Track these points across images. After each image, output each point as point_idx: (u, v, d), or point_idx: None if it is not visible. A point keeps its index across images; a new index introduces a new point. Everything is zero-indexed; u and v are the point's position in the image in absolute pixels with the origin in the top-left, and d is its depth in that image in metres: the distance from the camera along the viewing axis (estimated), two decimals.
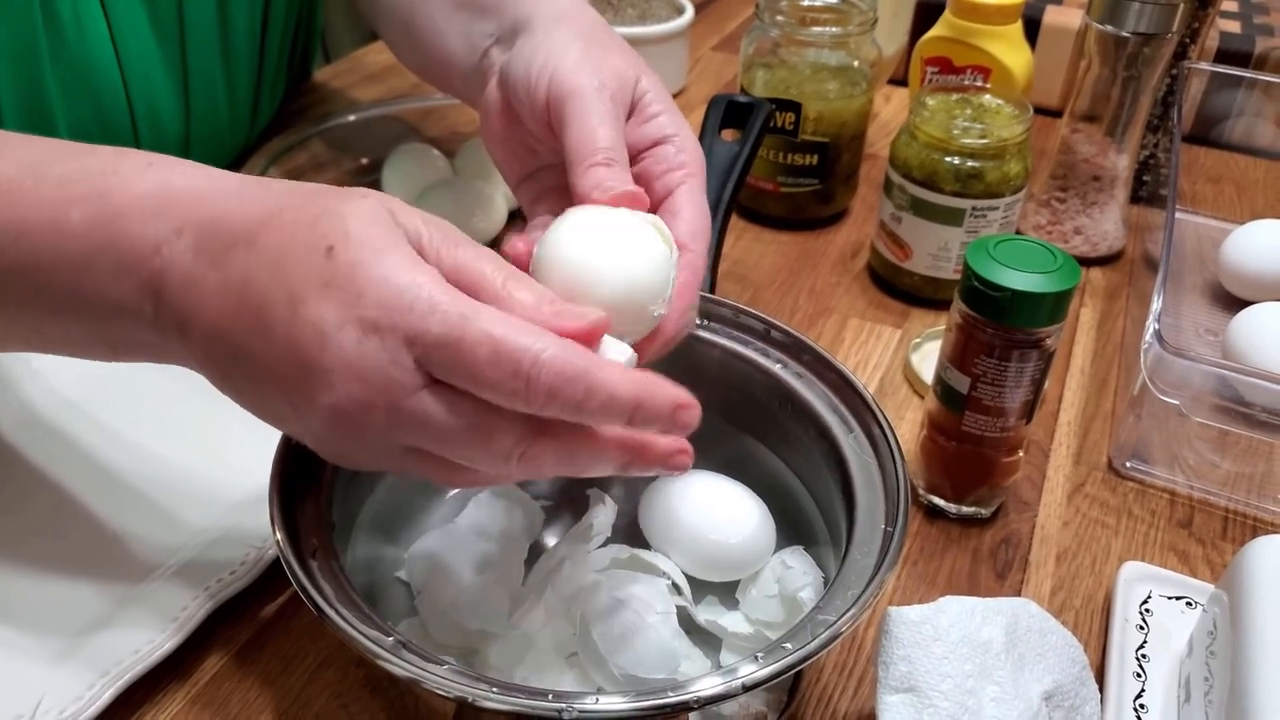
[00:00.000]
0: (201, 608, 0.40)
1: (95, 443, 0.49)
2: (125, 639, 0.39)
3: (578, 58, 0.38)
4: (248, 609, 0.42)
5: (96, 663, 0.38)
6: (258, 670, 0.41)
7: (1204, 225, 0.71)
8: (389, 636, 0.32)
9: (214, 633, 0.41)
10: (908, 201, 0.60)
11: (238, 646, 0.41)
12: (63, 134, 0.57)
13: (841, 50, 0.66)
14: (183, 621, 0.40)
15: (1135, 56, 0.62)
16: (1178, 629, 0.42)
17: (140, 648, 0.39)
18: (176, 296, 0.31)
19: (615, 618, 0.38)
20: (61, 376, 0.51)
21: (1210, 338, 0.61)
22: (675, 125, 0.39)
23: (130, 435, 0.49)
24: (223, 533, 0.44)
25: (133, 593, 0.41)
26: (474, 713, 0.35)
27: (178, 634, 0.39)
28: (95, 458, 0.48)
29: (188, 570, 0.42)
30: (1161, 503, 0.50)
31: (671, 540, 0.41)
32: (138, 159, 0.33)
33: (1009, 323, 0.42)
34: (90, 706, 0.37)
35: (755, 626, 0.40)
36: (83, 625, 0.40)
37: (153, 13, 0.59)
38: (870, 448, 0.39)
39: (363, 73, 0.87)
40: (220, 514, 0.45)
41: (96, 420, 0.49)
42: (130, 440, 0.49)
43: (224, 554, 0.43)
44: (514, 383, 0.28)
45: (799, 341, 0.43)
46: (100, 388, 0.51)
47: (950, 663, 0.35)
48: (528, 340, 0.28)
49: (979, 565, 0.47)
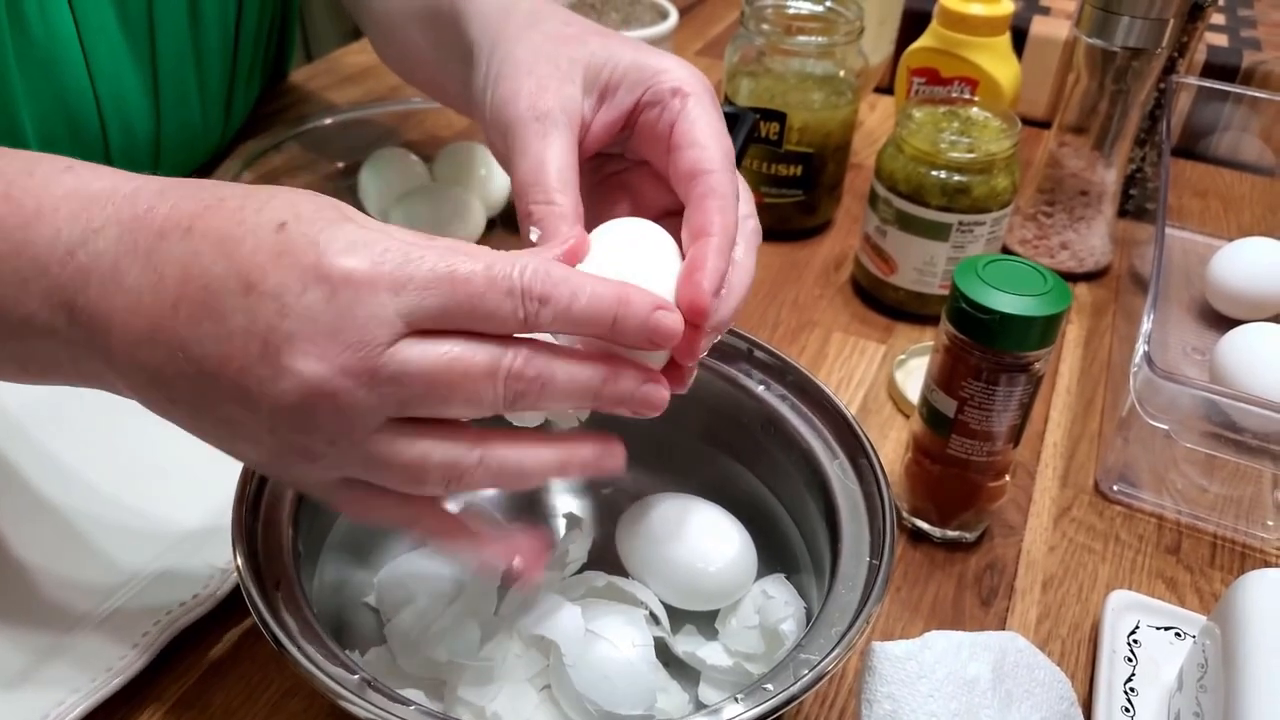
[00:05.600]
0: (173, 623, 0.39)
1: (74, 447, 0.47)
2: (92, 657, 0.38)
3: (512, 82, 0.35)
4: (213, 631, 0.41)
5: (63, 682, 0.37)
6: (222, 695, 0.39)
7: (1190, 240, 0.70)
8: (354, 675, 0.30)
9: (178, 655, 0.40)
10: (893, 215, 0.59)
11: (202, 671, 0.40)
12: (29, 134, 0.56)
13: (827, 60, 0.65)
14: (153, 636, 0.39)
15: (1124, 70, 0.61)
16: (1167, 661, 0.41)
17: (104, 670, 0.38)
18: (94, 303, 0.28)
19: (590, 650, 0.36)
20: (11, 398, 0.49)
21: (1198, 357, 0.60)
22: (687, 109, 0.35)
23: (70, 463, 0.46)
24: (172, 563, 0.42)
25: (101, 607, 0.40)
26: None
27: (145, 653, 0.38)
28: (72, 465, 0.46)
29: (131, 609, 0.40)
30: (1149, 528, 0.49)
31: (649, 567, 0.40)
32: (56, 162, 0.30)
33: (997, 346, 0.41)
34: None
35: (735, 658, 0.39)
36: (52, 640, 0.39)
37: (121, 10, 0.57)
38: (855, 475, 0.38)
39: (341, 74, 0.85)
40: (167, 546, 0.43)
41: (33, 444, 0.47)
42: (70, 468, 0.46)
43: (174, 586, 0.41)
44: (510, 301, 0.27)
45: (782, 362, 0.42)
46: (43, 409, 0.48)
47: (935, 701, 0.34)
48: (509, 261, 0.28)
49: (964, 592, 0.46)
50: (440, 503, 0.32)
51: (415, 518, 0.32)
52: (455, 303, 0.27)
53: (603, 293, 0.28)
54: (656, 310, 0.29)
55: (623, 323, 0.29)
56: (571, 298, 0.28)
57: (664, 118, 0.35)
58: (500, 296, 0.27)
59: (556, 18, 0.38)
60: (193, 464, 0.46)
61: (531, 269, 0.28)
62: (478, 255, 0.28)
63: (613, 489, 0.46)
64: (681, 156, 0.34)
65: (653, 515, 0.41)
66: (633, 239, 0.32)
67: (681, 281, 0.31)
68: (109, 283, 0.28)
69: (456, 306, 0.27)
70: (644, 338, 0.29)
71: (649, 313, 0.29)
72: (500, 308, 0.27)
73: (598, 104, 0.36)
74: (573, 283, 0.28)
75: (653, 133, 0.35)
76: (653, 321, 0.29)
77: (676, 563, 0.39)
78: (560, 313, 0.28)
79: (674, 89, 0.35)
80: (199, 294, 0.27)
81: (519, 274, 0.28)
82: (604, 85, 0.36)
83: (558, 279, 0.28)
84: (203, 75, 0.63)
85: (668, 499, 0.41)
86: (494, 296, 0.27)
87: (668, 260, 0.32)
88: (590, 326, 0.29)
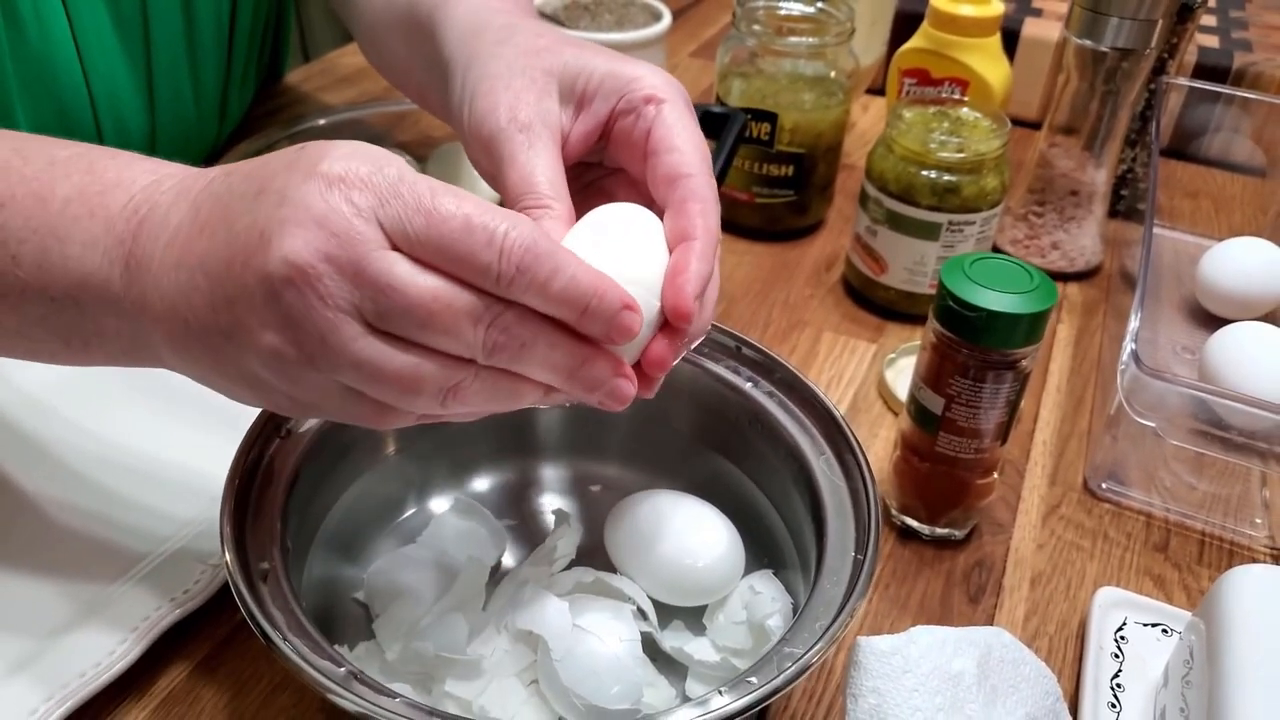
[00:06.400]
0: (165, 617, 0.40)
1: (63, 441, 0.47)
2: (83, 650, 0.38)
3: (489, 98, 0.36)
4: (203, 626, 0.41)
5: (54, 676, 0.37)
6: (212, 690, 0.39)
7: (1181, 241, 0.71)
8: (340, 667, 0.31)
9: (169, 650, 0.40)
10: (883, 215, 0.60)
11: (192, 665, 0.40)
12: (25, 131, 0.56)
13: (819, 60, 0.65)
14: (146, 629, 0.39)
15: (1114, 71, 0.62)
16: (1153, 657, 0.41)
17: (98, 661, 0.38)
18: (143, 246, 0.31)
19: (578, 645, 0.36)
20: (27, 375, 0.50)
21: (1187, 356, 0.60)
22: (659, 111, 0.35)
23: (100, 433, 0.48)
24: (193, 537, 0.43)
25: (98, 598, 0.40)
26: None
27: (138, 645, 0.39)
28: (63, 458, 0.47)
29: (154, 578, 0.41)
30: (1137, 525, 0.50)
31: (637, 563, 0.40)
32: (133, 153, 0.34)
33: (984, 343, 0.41)
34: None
35: (722, 654, 0.39)
36: (42, 633, 0.39)
37: (115, 9, 0.57)
38: (841, 472, 0.39)
39: (335, 75, 0.85)
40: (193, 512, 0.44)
41: (64, 419, 0.48)
42: (100, 437, 0.48)
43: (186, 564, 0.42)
44: (487, 254, 0.27)
45: (770, 359, 0.42)
46: (68, 387, 0.50)
47: (920, 695, 0.34)
48: (499, 218, 0.28)
49: (952, 589, 0.46)
50: None
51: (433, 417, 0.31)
52: (436, 234, 0.27)
53: (582, 279, 0.28)
54: (624, 310, 0.29)
55: (592, 314, 0.29)
56: (551, 274, 0.28)
57: (639, 125, 0.35)
58: (479, 246, 0.27)
59: (529, 30, 0.38)
60: (184, 462, 0.47)
61: (518, 232, 0.28)
62: (469, 201, 0.28)
63: (601, 486, 0.46)
64: (660, 161, 0.34)
65: (640, 511, 0.41)
66: (625, 224, 0.32)
67: (665, 286, 0.31)
68: (158, 226, 0.31)
69: (438, 239, 0.27)
70: (606, 332, 0.29)
71: (617, 310, 0.29)
72: (476, 256, 0.28)
73: (575, 114, 0.36)
74: (557, 260, 0.28)
75: (629, 139, 0.36)
76: (619, 319, 0.29)
77: (664, 558, 0.40)
78: (536, 286, 0.28)
79: (647, 96, 0.35)
80: (221, 212, 0.30)
81: (503, 232, 0.28)
82: (580, 95, 0.36)
83: (542, 252, 0.28)
84: (197, 75, 0.64)
85: (656, 495, 0.41)
86: (472, 243, 0.27)
87: (656, 248, 0.32)
88: (561, 308, 0.29)
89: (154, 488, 0.46)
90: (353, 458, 0.42)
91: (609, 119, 0.36)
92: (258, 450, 0.38)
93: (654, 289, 0.31)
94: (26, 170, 0.33)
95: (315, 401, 0.30)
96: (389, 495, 0.44)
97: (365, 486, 0.42)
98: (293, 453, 0.39)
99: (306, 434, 0.39)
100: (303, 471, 0.38)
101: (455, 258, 0.28)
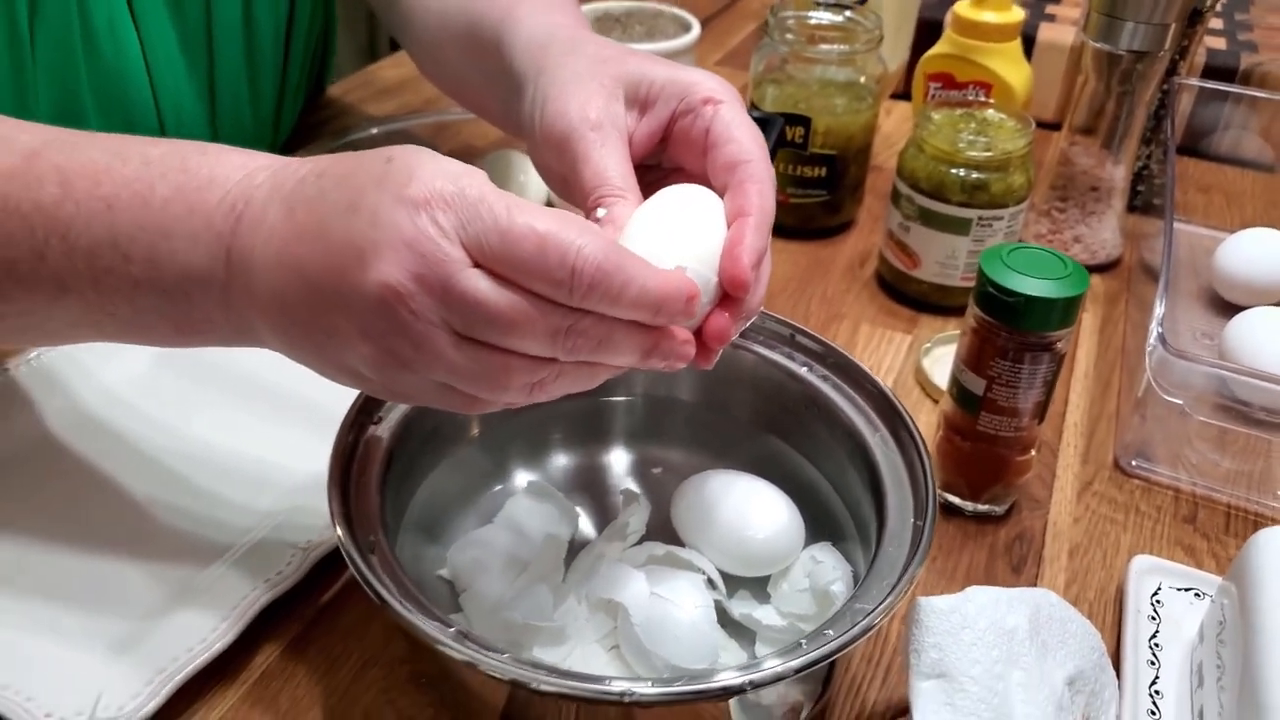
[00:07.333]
0: (259, 599, 0.42)
1: (148, 437, 0.50)
2: (180, 633, 0.40)
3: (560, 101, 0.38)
4: (293, 607, 0.43)
5: (153, 659, 0.39)
6: (304, 668, 0.42)
7: (1196, 233, 0.73)
8: (450, 627, 0.33)
9: (261, 630, 0.42)
10: (916, 212, 0.62)
11: (284, 644, 0.42)
12: None
13: (848, 67, 0.68)
14: (242, 611, 0.41)
15: (1129, 73, 0.65)
16: (1188, 619, 0.44)
17: (194, 644, 0.40)
18: (243, 241, 0.33)
19: (656, 611, 0.39)
20: (111, 375, 0.53)
21: (1206, 341, 0.63)
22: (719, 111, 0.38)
23: (182, 429, 0.50)
24: (274, 527, 0.45)
25: (190, 584, 0.43)
26: (524, 706, 0.36)
27: (235, 626, 0.41)
28: (148, 452, 0.49)
29: (244, 563, 0.43)
30: (1166, 499, 0.52)
31: (704, 537, 0.43)
32: (223, 147, 0.36)
33: (1023, 327, 0.44)
34: (149, 703, 0.38)
35: (788, 619, 0.41)
36: (138, 618, 0.41)
37: (181, 26, 0.60)
38: (896, 446, 0.41)
39: (375, 87, 0.88)
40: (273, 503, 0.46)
41: (147, 416, 0.51)
42: (183, 433, 0.50)
43: (274, 549, 0.44)
44: (560, 272, 0.29)
45: (824, 345, 0.45)
46: (149, 385, 0.52)
47: (979, 649, 0.36)
48: (572, 234, 0.30)
49: (995, 560, 0.49)
50: None
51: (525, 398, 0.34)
52: (513, 253, 0.30)
53: (651, 287, 0.31)
54: (689, 301, 0.32)
55: (663, 313, 0.32)
56: (622, 287, 0.30)
57: (697, 124, 0.38)
58: (554, 265, 0.29)
59: (594, 42, 0.42)
60: (261, 455, 0.50)
61: (590, 248, 0.30)
62: (544, 217, 0.30)
63: (663, 469, 0.49)
64: (719, 152, 0.37)
65: (704, 489, 0.44)
66: (685, 202, 0.35)
67: (723, 258, 0.34)
68: (256, 222, 0.33)
69: (515, 258, 0.30)
70: (674, 321, 0.32)
71: (684, 304, 0.32)
72: (551, 274, 0.30)
73: (639, 117, 0.39)
74: (627, 272, 0.30)
75: (688, 137, 0.39)
76: (686, 310, 0.32)
77: (727, 532, 0.42)
78: (609, 299, 0.30)
79: (705, 98, 0.38)
80: (317, 220, 0.31)
81: (576, 249, 0.29)
82: (643, 99, 0.39)
83: (613, 267, 0.30)
84: (256, 88, 0.67)
85: (718, 474, 0.44)
86: (547, 263, 0.29)
87: (716, 225, 0.35)
88: (633, 314, 0.31)
89: (244, 478, 0.48)
90: (437, 443, 0.44)
91: (670, 121, 0.39)
92: (354, 435, 0.41)
93: (712, 264, 0.34)
94: (126, 171, 0.34)
95: (411, 394, 0.33)
96: (468, 478, 0.47)
97: (448, 470, 0.45)
98: (385, 437, 0.41)
99: (397, 419, 0.42)
100: (395, 454, 0.41)
101: (532, 275, 0.30)
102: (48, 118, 0.56)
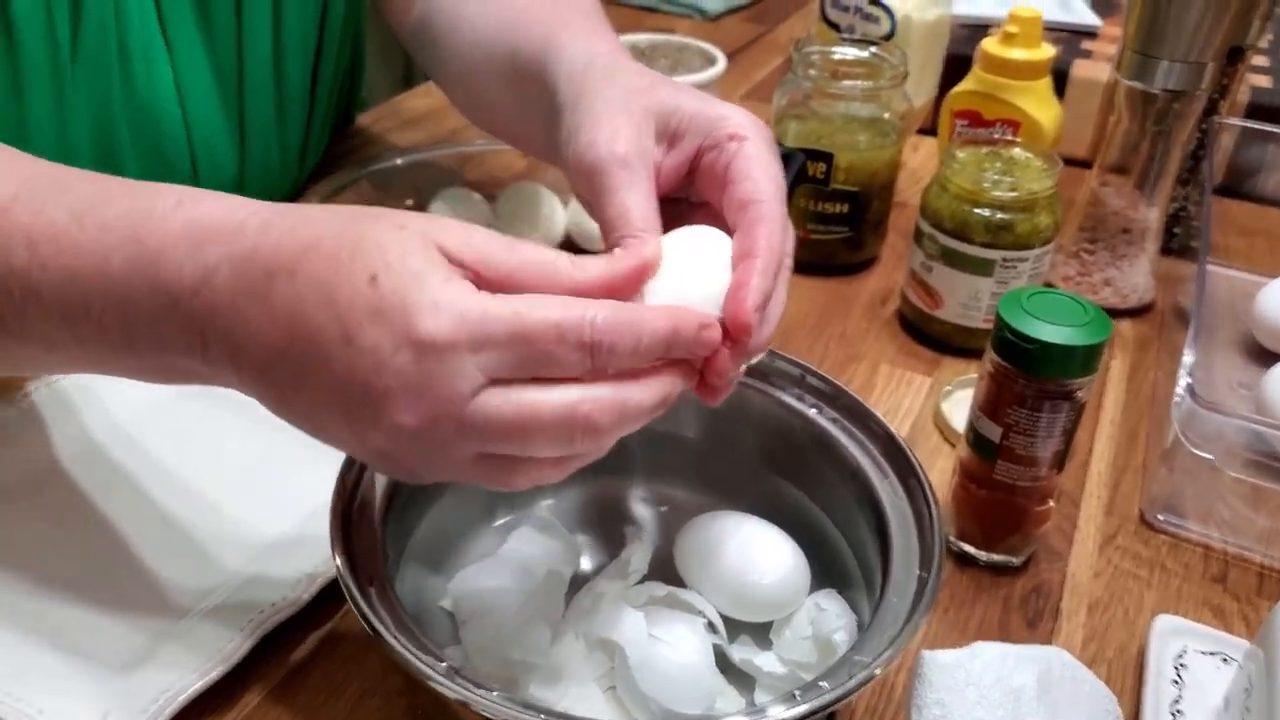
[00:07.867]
0: (245, 641, 0.41)
1: (143, 476, 0.50)
2: (165, 675, 0.40)
3: (591, 132, 0.38)
4: (289, 640, 0.43)
5: (155, 682, 0.39)
6: (301, 700, 0.41)
7: (1236, 278, 0.71)
8: (442, 662, 0.33)
9: (254, 665, 0.42)
10: (938, 251, 0.61)
11: (279, 678, 0.42)
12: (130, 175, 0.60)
13: (872, 103, 0.67)
14: (227, 654, 0.41)
15: (1164, 112, 0.63)
16: (1214, 685, 0.42)
17: (181, 684, 0.39)
18: (224, 334, 0.32)
19: (654, 653, 0.38)
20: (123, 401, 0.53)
21: (1244, 391, 0.61)
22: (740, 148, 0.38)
23: (176, 469, 0.50)
24: (264, 568, 0.45)
25: (173, 629, 0.42)
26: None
27: (220, 666, 0.40)
28: (143, 491, 0.49)
29: (228, 606, 0.43)
30: (1195, 557, 0.50)
31: (706, 580, 0.42)
32: (169, 198, 0.34)
33: (1041, 374, 0.43)
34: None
35: (789, 667, 0.40)
36: (125, 660, 0.41)
37: (214, 61, 0.62)
38: (905, 493, 0.40)
39: (401, 118, 0.90)
40: (259, 551, 0.46)
41: (145, 451, 0.51)
42: (176, 475, 0.50)
43: (265, 588, 0.44)
44: (580, 352, 0.30)
45: (834, 387, 0.44)
46: (155, 417, 0.53)
47: (983, 708, 0.35)
48: (579, 311, 0.30)
49: (1010, 614, 0.47)
50: None
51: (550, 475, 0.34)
52: (529, 356, 0.30)
53: (659, 329, 0.31)
54: (701, 330, 0.32)
55: (676, 346, 0.32)
56: (636, 342, 0.31)
57: (721, 159, 0.38)
58: (569, 350, 0.30)
59: (630, 70, 0.42)
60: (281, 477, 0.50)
61: (601, 319, 0.30)
62: (552, 307, 0.30)
63: (669, 507, 0.48)
64: (735, 190, 0.37)
65: (708, 531, 0.43)
66: (693, 244, 0.35)
67: (726, 300, 0.34)
68: (231, 315, 0.32)
69: (530, 359, 0.30)
70: (691, 352, 0.33)
71: (696, 333, 0.32)
72: (568, 359, 0.30)
73: (667, 149, 0.39)
74: (635, 326, 0.31)
75: (711, 172, 0.38)
76: (700, 339, 0.32)
77: (731, 575, 0.42)
78: (627, 357, 0.31)
79: (731, 133, 0.38)
80: (308, 339, 0.31)
81: (589, 328, 0.30)
82: (672, 132, 0.39)
83: (622, 326, 0.31)
84: (284, 122, 0.68)
85: (723, 516, 0.43)
86: (564, 350, 0.30)
87: (720, 266, 0.35)
88: (651, 358, 0.32)
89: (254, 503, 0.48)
90: None
91: (696, 155, 0.39)
92: (357, 469, 0.41)
93: (716, 304, 0.34)
94: (83, 240, 0.33)
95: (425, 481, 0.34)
96: (471, 511, 0.46)
97: (450, 502, 0.45)
98: None
99: None
100: (399, 484, 0.41)
101: (558, 364, 0.30)
102: (86, 147, 0.58)
